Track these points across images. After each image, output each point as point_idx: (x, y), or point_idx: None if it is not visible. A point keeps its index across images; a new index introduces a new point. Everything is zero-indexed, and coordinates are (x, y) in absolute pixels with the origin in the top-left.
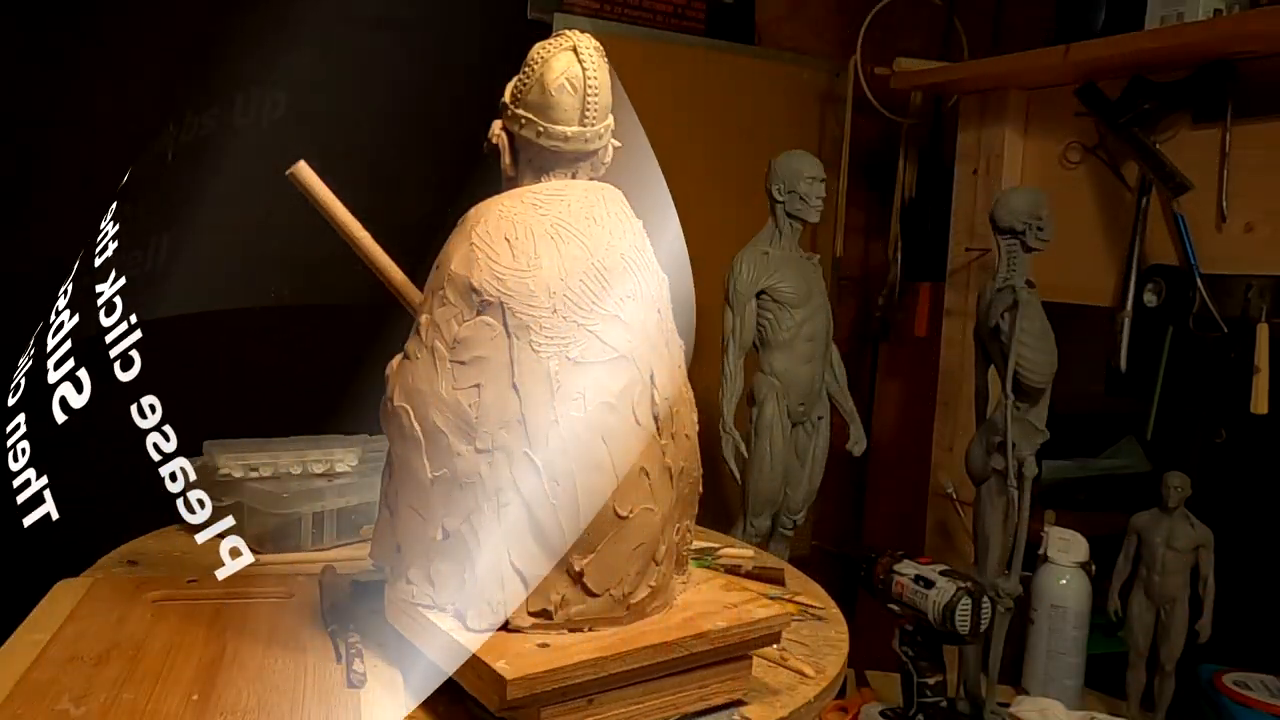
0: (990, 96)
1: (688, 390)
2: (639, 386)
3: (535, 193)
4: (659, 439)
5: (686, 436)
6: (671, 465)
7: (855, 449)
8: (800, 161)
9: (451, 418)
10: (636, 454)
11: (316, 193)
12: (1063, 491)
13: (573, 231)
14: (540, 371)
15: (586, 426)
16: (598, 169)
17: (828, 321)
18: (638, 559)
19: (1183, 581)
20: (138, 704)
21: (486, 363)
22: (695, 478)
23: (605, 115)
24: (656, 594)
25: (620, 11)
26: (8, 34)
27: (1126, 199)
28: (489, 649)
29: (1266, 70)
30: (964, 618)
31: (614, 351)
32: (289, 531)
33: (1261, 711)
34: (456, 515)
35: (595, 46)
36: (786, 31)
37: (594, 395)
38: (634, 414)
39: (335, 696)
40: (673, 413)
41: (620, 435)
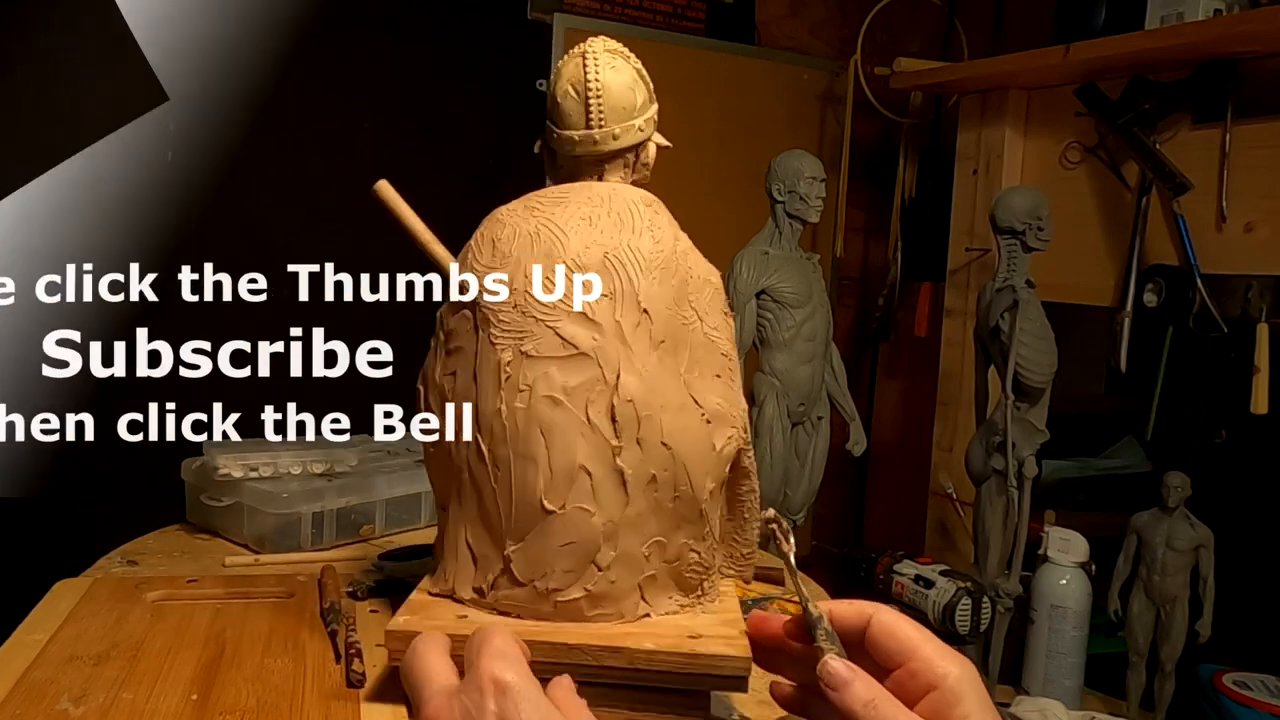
0: (990, 96)
1: (700, 403)
2: (599, 385)
3: (542, 195)
4: (613, 440)
5: (664, 445)
6: (629, 471)
7: (855, 449)
8: (800, 161)
9: (438, 400)
10: (576, 451)
11: (397, 209)
12: (1063, 491)
13: (555, 231)
14: (493, 363)
15: (526, 418)
16: (637, 171)
17: (828, 321)
18: (567, 557)
19: (1183, 581)
20: (137, 704)
21: (462, 353)
22: (685, 493)
23: (620, 116)
24: (598, 601)
25: (620, 11)
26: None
27: (1126, 199)
28: (415, 605)
29: (1266, 70)
30: (964, 618)
31: (572, 348)
32: (289, 531)
33: (1261, 711)
34: (443, 491)
35: (612, 49)
36: (786, 31)
37: (541, 389)
38: (585, 412)
39: (335, 696)
40: (641, 417)
41: (560, 430)
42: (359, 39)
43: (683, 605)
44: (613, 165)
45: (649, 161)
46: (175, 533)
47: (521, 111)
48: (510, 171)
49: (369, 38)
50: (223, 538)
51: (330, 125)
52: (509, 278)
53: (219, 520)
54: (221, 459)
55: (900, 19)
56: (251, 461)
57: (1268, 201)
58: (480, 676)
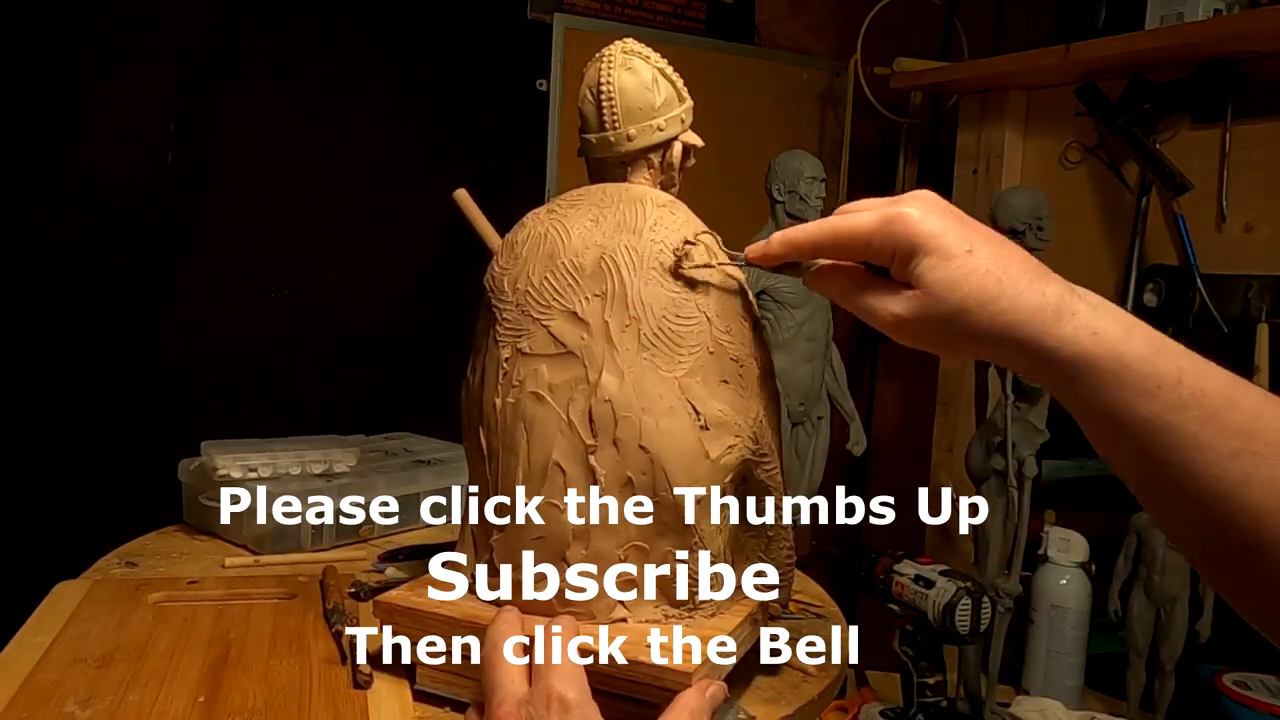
0: (990, 96)
1: (698, 409)
2: (581, 385)
3: (564, 198)
4: (588, 439)
5: (642, 448)
6: (602, 471)
7: (855, 449)
8: (800, 161)
9: (464, 394)
10: (553, 447)
11: (473, 217)
12: (1063, 491)
13: (560, 232)
14: (496, 359)
15: (513, 413)
16: (663, 171)
17: (828, 321)
18: (538, 550)
19: (1183, 581)
20: (144, 706)
21: (479, 350)
22: (666, 499)
23: (635, 117)
24: (567, 597)
25: (620, 11)
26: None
27: (1126, 199)
28: (418, 585)
29: (1266, 70)
30: (964, 618)
31: (561, 347)
32: (288, 532)
33: (1261, 711)
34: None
35: (630, 51)
36: (786, 31)
37: (530, 385)
38: (566, 409)
39: (342, 697)
40: (619, 418)
41: (540, 426)
42: (359, 39)
43: (669, 616)
44: (635, 166)
45: (674, 161)
46: (174, 534)
47: (521, 111)
48: (510, 171)
49: (369, 38)
50: (221, 538)
51: (331, 125)
52: (517, 278)
53: (218, 521)
54: (220, 459)
55: (900, 19)
56: (251, 461)
57: (1268, 201)
58: (547, 692)
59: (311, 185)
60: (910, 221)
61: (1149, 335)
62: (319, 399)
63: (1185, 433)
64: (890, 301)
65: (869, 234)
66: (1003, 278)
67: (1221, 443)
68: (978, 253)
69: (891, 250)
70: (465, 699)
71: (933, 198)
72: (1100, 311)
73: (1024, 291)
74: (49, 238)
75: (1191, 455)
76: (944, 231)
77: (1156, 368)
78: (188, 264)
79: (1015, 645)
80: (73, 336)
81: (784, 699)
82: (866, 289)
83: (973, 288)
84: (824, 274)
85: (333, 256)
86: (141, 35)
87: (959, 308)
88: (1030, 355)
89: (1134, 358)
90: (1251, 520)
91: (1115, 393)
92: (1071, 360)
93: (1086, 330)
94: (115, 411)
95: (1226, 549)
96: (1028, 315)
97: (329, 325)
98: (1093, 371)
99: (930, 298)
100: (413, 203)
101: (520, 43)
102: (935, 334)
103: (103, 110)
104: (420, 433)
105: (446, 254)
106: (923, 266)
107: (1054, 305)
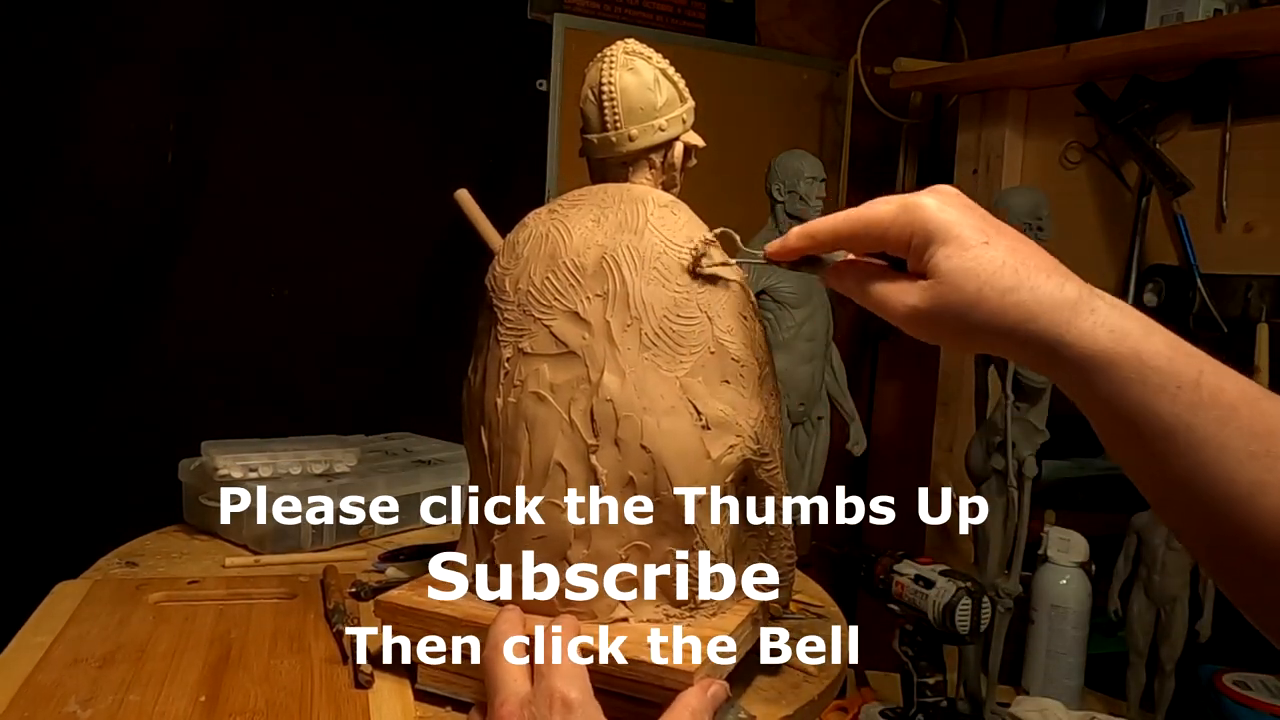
0: (990, 96)
1: (699, 408)
2: (583, 384)
3: (565, 198)
4: (589, 439)
5: (643, 448)
6: (604, 470)
7: (855, 449)
8: (800, 161)
9: (465, 394)
10: (554, 447)
11: (474, 217)
12: (1063, 491)
13: (561, 232)
14: (497, 359)
15: (515, 412)
16: (665, 171)
17: (828, 321)
18: (539, 550)
19: (1183, 581)
20: (145, 706)
21: (480, 350)
22: (667, 499)
23: (636, 117)
24: (568, 596)
25: (620, 11)
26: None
27: (1126, 199)
28: (419, 584)
29: (1266, 70)
30: (964, 618)
31: (563, 347)
32: (289, 532)
33: (1261, 711)
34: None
35: (632, 51)
36: (786, 31)
37: (531, 385)
38: (568, 409)
39: (344, 697)
40: (620, 417)
41: (542, 425)
42: (359, 39)
43: (669, 615)
44: (637, 166)
45: (675, 162)
46: (174, 534)
47: (521, 111)
48: (510, 171)
49: (369, 38)
50: (221, 538)
51: (331, 125)
52: (518, 278)
53: (218, 521)
54: (220, 459)
55: (900, 19)
56: (251, 461)
57: (1268, 201)
58: (550, 692)
59: (311, 185)
60: (927, 211)
61: (1168, 336)
62: (319, 399)
63: (1203, 434)
64: (905, 293)
65: (886, 223)
66: (1020, 269)
67: (1239, 445)
68: (994, 244)
69: (908, 239)
70: (466, 699)
71: (952, 191)
72: (1120, 310)
73: (1042, 284)
74: (49, 238)
75: (1208, 456)
76: (961, 222)
77: (1176, 368)
78: (188, 264)
79: (1015, 645)
80: (73, 336)
81: (784, 699)
82: (882, 282)
83: (989, 277)
84: (841, 269)
85: (333, 256)
86: (141, 35)
87: (975, 297)
88: (1046, 349)
89: (1154, 356)
90: (1264, 523)
91: (1134, 391)
92: (1089, 356)
93: (1105, 327)
94: (115, 411)
95: (1238, 551)
96: (1046, 308)
97: (329, 325)
98: (1111, 368)
99: (946, 287)
100: (413, 203)
101: (520, 43)
102: (950, 325)
103: (103, 110)
104: (420, 433)
105: (447, 254)
106: (939, 255)
107: (1072, 300)
